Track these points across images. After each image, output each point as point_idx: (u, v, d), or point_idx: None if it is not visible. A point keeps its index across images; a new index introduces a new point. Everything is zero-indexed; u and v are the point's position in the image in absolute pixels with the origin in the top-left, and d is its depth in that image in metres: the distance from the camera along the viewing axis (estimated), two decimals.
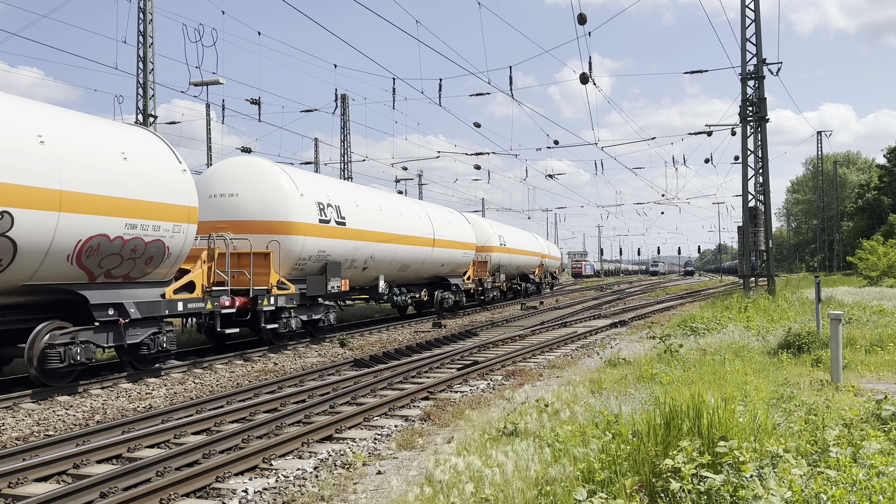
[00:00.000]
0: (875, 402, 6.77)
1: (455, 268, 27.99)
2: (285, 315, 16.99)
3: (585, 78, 20.75)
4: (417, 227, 24.11)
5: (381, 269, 21.82)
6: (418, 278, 25.66)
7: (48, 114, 11.63)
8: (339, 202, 19.31)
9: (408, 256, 23.29)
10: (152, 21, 26.68)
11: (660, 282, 76.18)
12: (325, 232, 18.18)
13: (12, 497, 6.42)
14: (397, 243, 22.42)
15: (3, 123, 10.54)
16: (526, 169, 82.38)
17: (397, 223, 22.61)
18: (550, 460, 5.80)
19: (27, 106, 11.48)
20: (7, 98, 11.25)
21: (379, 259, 21.49)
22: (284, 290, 16.89)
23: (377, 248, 21.14)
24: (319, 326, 18.92)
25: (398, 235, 22.47)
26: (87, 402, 11.10)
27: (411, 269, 24.08)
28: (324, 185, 19.68)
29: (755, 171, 26.77)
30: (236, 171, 17.36)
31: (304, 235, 17.36)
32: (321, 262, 18.24)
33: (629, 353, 13.65)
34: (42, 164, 10.77)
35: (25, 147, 10.61)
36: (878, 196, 66.86)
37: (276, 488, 6.47)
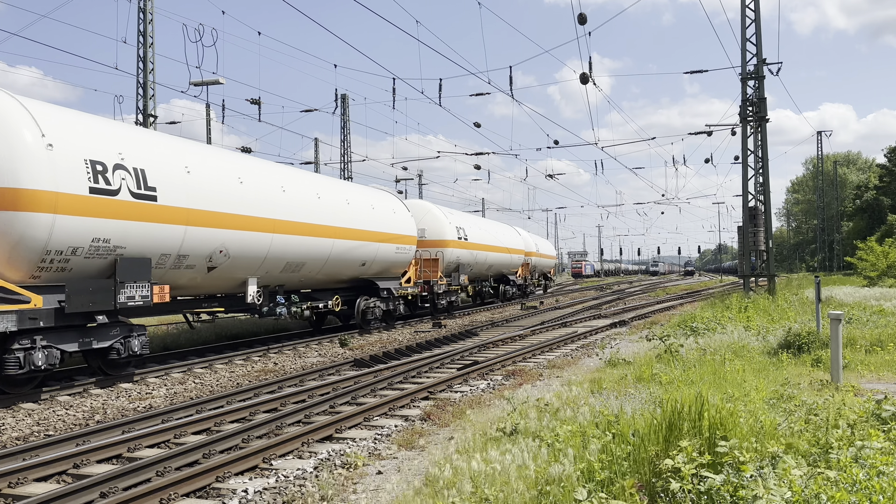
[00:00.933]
0: (875, 402, 6.77)
1: (386, 267, 22.04)
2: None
3: (585, 78, 20.75)
4: (314, 211, 17.68)
5: (244, 268, 15.34)
6: (329, 281, 19.72)
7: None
8: (145, 164, 12.53)
9: (297, 251, 16.89)
10: (152, 21, 26.68)
11: (660, 282, 76.19)
12: (108, 209, 11.66)
13: (12, 497, 6.42)
14: (275, 232, 15.91)
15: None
16: (526, 169, 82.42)
17: (274, 203, 16.03)
18: (550, 460, 5.80)
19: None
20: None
21: (238, 254, 14.77)
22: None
23: (231, 236, 14.47)
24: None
25: (276, 221, 15.96)
26: (87, 401, 11.10)
27: (306, 268, 17.65)
28: (114, 134, 12.46)
29: (755, 171, 26.76)
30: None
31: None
32: (104, 257, 11.83)
33: (629, 353, 13.65)
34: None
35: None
36: (877, 196, 66.86)
37: (276, 488, 6.47)
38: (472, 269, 30.79)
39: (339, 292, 20.13)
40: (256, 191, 15.61)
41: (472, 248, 29.95)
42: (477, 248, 30.68)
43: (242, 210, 14.87)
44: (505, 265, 36.07)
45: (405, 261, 23.37)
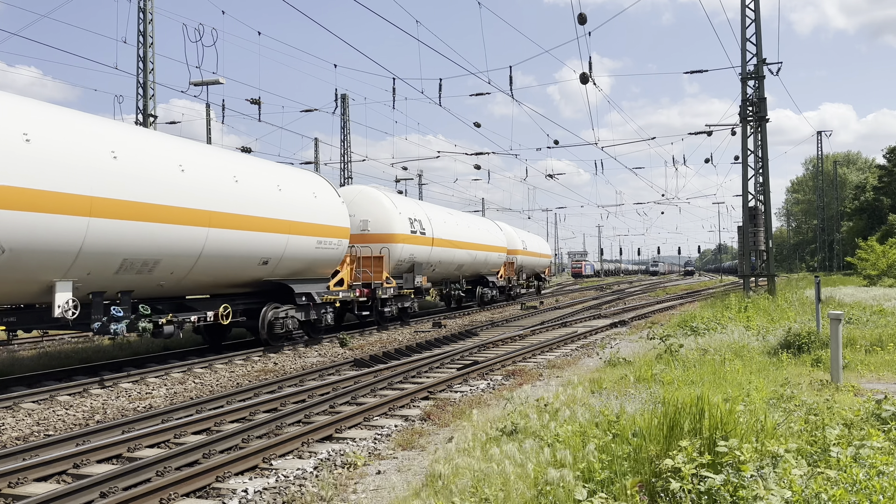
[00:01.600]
0: (875, 402, 6.77)
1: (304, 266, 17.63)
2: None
3: (585, 78, 20.75)
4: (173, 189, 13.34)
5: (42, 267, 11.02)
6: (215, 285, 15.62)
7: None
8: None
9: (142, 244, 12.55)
10: (152, 21, 26.68)
11: (660, 282, 76.19)
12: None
13: (12, 497, 6.42)
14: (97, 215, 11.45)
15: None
16: (526, 169, 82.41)
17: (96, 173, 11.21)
18: (550, 460, 5.80)
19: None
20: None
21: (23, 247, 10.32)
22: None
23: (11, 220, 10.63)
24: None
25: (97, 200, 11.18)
26: (88, 401, 11.10)
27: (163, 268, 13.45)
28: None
29: (755, 171, 26.76)
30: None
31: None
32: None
33: (629, 353, 13.65)
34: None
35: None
36: (876, 196, 66.85)
37: (276, 488, 6.47)
38: (435, 269, 26.09)
39: (238, 299, 15.99)
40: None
41: (432, 244, 24.94)
42: (440, 244, 25.76)
43: (29, 183, 10.17)
44: (481, 264, 31.39)
45: (333, 258, 18.58)
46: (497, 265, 34.13)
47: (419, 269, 24.04)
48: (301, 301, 17.39)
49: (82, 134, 11.45)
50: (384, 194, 23.87)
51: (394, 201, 23.72)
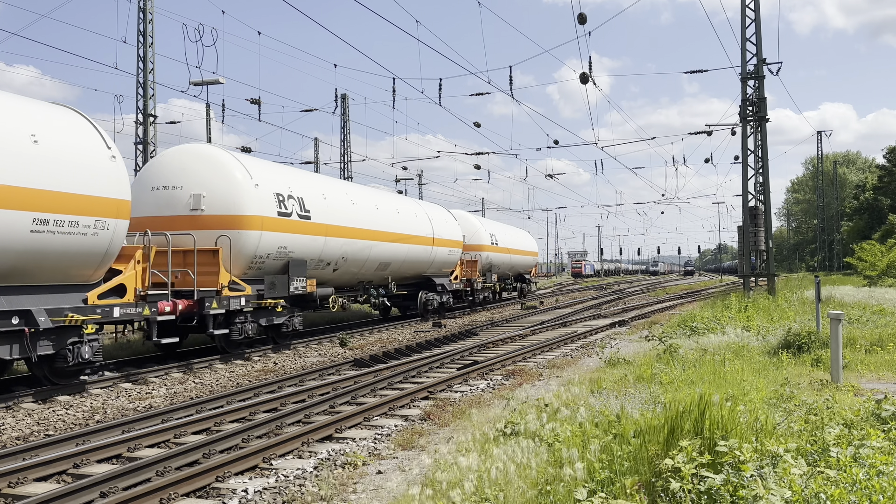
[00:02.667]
0: (875, 402, 6.77)
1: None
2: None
3: (585, 77, 20.75)
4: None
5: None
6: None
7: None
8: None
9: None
10: (152, 21, 26.68)
11: (660, 281, 76.21)
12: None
13: (12, 497, 6.42)
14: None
15: None
16: (526, 168, 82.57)
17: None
18: (550, 460, 5.80)
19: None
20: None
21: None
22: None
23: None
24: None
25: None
26: (88, 401, 11.10)
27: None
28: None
29: (755, 171, 26.76)
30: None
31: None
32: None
33: (629, 353, 13.65)
34: None
35: None
36: (876, 196, 66.86)
37: (276, 488, 6.47)
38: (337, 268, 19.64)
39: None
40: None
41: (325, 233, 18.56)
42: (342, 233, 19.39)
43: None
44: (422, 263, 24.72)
45: (84, 251, 11.38)
46: (450, 264, 27.41)
47: (300, 269, 16.99)
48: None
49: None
50: (232, 157, 16.00)
51: (248, 168, 15.85)
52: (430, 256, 25.26)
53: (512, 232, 38.79)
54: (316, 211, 17.73)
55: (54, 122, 11.29)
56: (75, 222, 11.06)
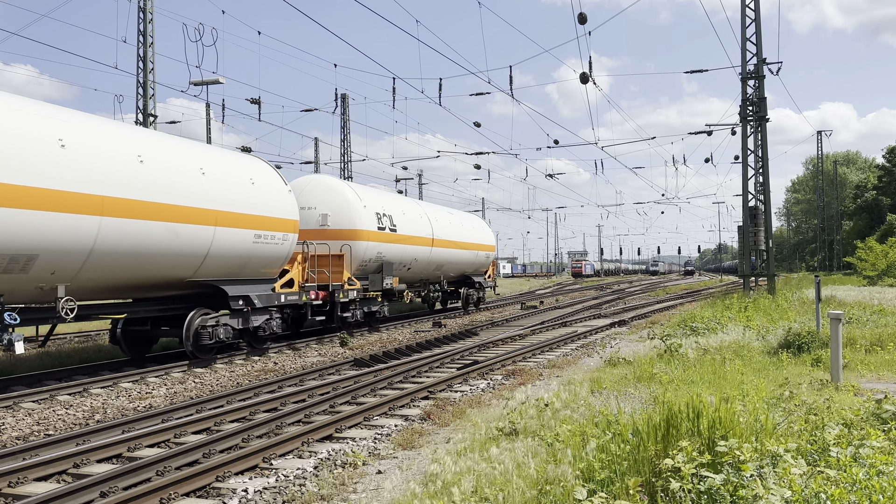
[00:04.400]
0: (875, 402, 6.77)
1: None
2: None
3: (586, 77, 20.75)
4: None
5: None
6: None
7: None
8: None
9: None
10: (152, 20, 26.68)
11: (660, 281, 76.21)
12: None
13: (12, 497, 6.42)
14: None
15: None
16: (526, 168, 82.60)
17: None
18: (550, 460, 5.80)
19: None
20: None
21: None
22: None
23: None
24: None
25: None
26: (88, 401, 11.10)
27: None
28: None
29: (755, 171, 26.77)
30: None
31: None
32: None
33: (629, 353, 13.65)
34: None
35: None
36: (876, 196, 66.88)
37: (276, 488, 6.47)
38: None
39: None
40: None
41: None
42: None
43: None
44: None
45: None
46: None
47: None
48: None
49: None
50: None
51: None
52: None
53: (444, 216, 28.22)
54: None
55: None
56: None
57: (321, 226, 19.87)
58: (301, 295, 17.58)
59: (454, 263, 28.01)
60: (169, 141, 14.24)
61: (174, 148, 13.91)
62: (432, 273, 26.31)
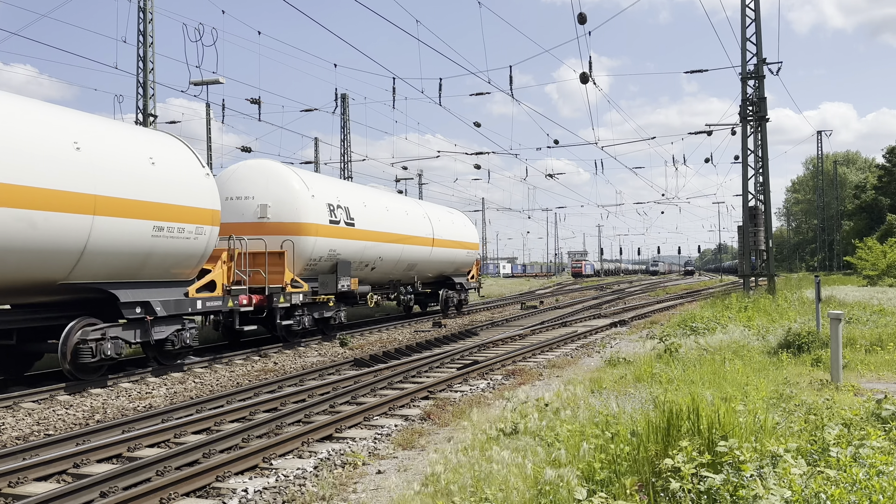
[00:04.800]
0: (875, 402, 6.77)
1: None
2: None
3: (586, 77, 20.75)
4: None
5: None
6: None
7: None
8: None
9: None
10: (152, 20, 26.68)
11: (660, 281, 76.22)
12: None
13: (12, 496, 6.42)
14: None
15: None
16: (526, 168, 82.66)
17: None
18: (551, 460, 5.80)
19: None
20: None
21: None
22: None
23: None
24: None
25: None
26: (87, 401, 11.10)
27: None
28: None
29: (755, 171, 26.77)
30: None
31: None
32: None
33: (629, 353, 13.65)
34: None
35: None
36: (875, 196, 66.90)
37: (276, 488, 6.47)
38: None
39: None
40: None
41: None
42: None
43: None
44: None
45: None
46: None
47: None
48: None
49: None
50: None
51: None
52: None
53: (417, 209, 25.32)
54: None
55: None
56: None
57: (259, 218, 16.99)
58: (226, 300, 14.88)
59: (429, 263, 25.06)
60: (33, 106, 11.34)
61: (37, 115, 11.11)
62: (403, 274, 23.66)
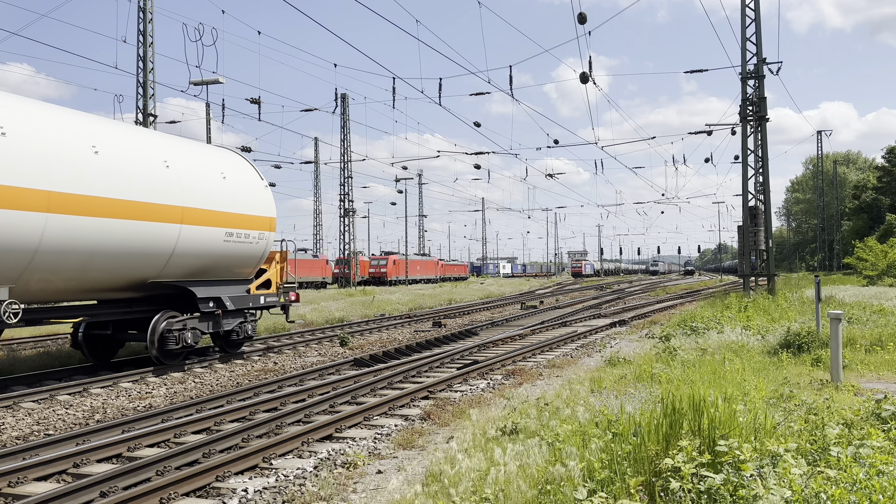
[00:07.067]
0: (875, 402, 6.77)
1: None
2: None
3: (585, 77, 20.75)
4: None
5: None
6: None
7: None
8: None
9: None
10: (152, 20, 26.68)
11: (660, 281, 76.22)
12: None
13: (12, 496, 6.42)
14: None
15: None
16: (526, 168, 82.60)
17: None
18: (551, 459, 5.80)
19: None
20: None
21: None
22: None
23: None
24: None
25: None
26: (88, 401, 11.10)
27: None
28: None
29: (755, 171, 26.76)
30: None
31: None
32: None
33: (629, 353, 13.65)
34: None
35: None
36: (875, 196, 66.91)
37: (276, 488, 6.47)
38: None
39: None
40: None
41: None
42: None
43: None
44: None
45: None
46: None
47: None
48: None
49: None
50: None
51: None
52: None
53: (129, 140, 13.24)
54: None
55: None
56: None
57: None
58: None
59: (174, 259, 13.29)
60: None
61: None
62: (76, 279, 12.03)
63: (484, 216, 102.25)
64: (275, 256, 16.69)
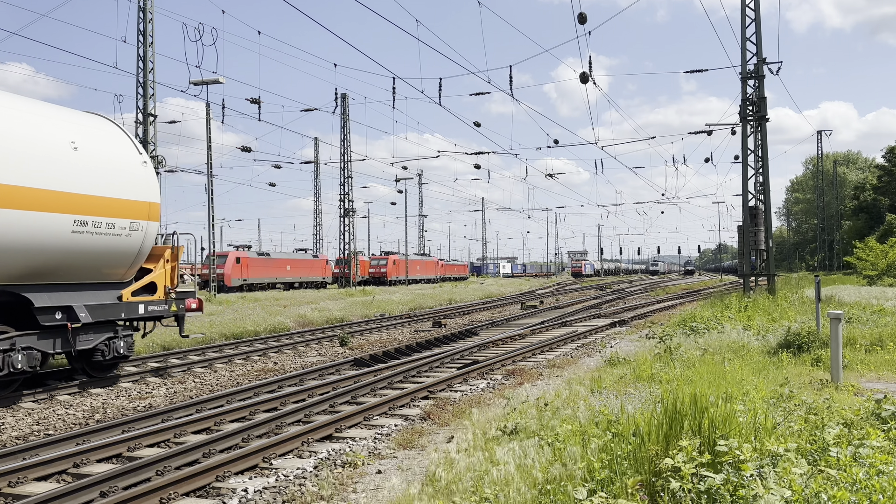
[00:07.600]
0: (875, 402, 6.77)
1: None
2: None
3: (586, 77, 20.74)
4: None
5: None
6: None
7: None
8: None
9: None
10: (152, 20, 26.68)
11: (660, 281, 76.23)
12: None
13: (12, 496, 6.42)
14: None
15: None
16: (526, 168, 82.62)
17: None
18: (551, 459, 5.80)
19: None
20: None
21: None
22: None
23: None
24: None
25: None
26: (88, 401, 11.10)
27: None
28: None
29: (755, 171, 26.75)
30: None
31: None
32: None
33: (629, 353, 13.65)
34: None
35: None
36: (875, 196, 66.92)
37: (276, 487, 6.47)
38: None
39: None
40: None
41: None
42: None
43: None
44: None
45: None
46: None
47: None
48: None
49: None
50: None
51: None
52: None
53: None
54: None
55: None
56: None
57: None
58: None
59: None
60: None
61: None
62: None
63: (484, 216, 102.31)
64: (163, 253, 13.33)
